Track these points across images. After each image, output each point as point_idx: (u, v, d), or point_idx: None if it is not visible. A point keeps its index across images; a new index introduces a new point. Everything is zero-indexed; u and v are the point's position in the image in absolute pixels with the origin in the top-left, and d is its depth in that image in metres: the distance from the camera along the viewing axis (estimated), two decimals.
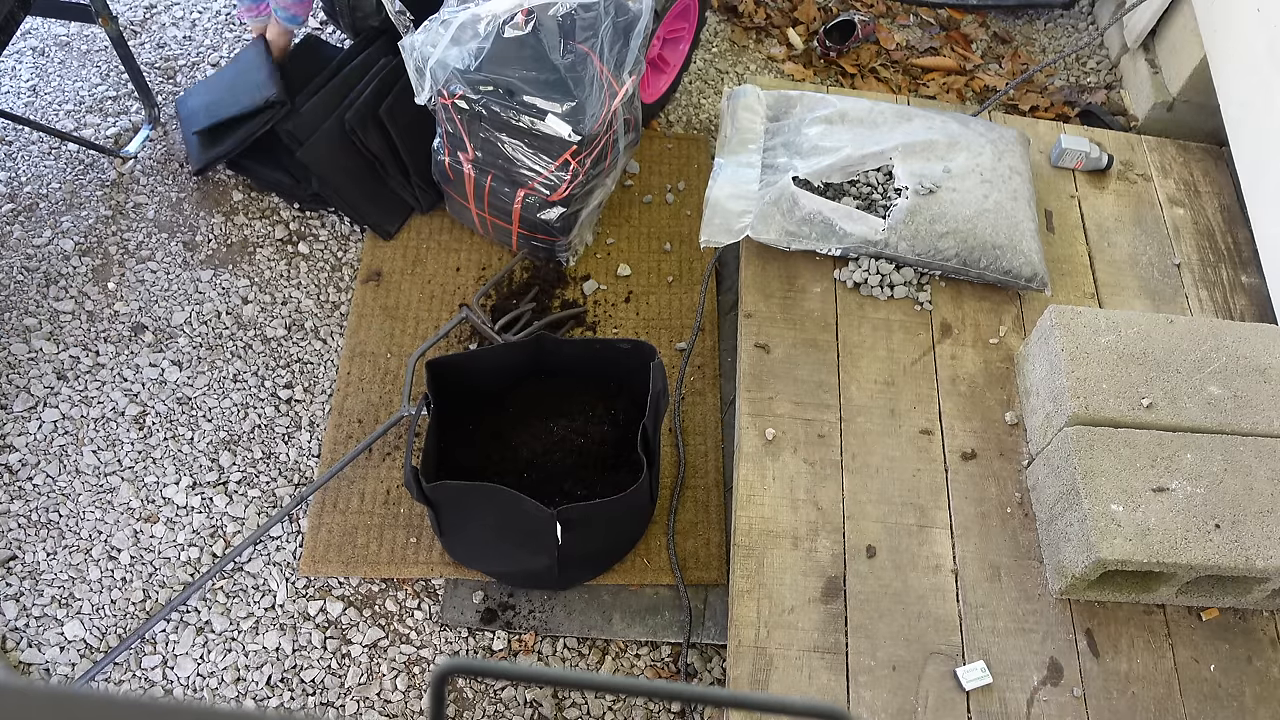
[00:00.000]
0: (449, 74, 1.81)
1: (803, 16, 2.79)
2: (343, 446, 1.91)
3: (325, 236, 2.20)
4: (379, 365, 2.02)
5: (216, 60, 2.47)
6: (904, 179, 2.00)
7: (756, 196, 2.01)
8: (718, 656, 1.74)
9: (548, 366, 1.86)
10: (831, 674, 1.56)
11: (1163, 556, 1.50)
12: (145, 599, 1.74)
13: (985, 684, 1.56)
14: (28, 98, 2.36)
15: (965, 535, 1.70)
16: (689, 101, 2.53)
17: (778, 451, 1.78)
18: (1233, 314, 2.10)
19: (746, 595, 1.62)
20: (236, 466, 1.89)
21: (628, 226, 2.26)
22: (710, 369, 2.07)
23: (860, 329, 1.93)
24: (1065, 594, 1.63)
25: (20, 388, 1.94)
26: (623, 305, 2.14)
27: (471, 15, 1.79)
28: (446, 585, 1.78)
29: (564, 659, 1.74)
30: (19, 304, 2.04)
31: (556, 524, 1.57)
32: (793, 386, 1.85)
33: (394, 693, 1.68)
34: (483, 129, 1.89)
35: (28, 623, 1.70)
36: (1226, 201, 2.28)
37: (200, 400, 1.96)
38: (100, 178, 2.24)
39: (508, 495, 1.58)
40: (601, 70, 1.83)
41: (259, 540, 1.81)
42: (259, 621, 1.73)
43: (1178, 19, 2.47)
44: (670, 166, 2.38)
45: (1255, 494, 1.57)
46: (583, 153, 1.88)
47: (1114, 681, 1.58)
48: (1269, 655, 1.63)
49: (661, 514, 1.86)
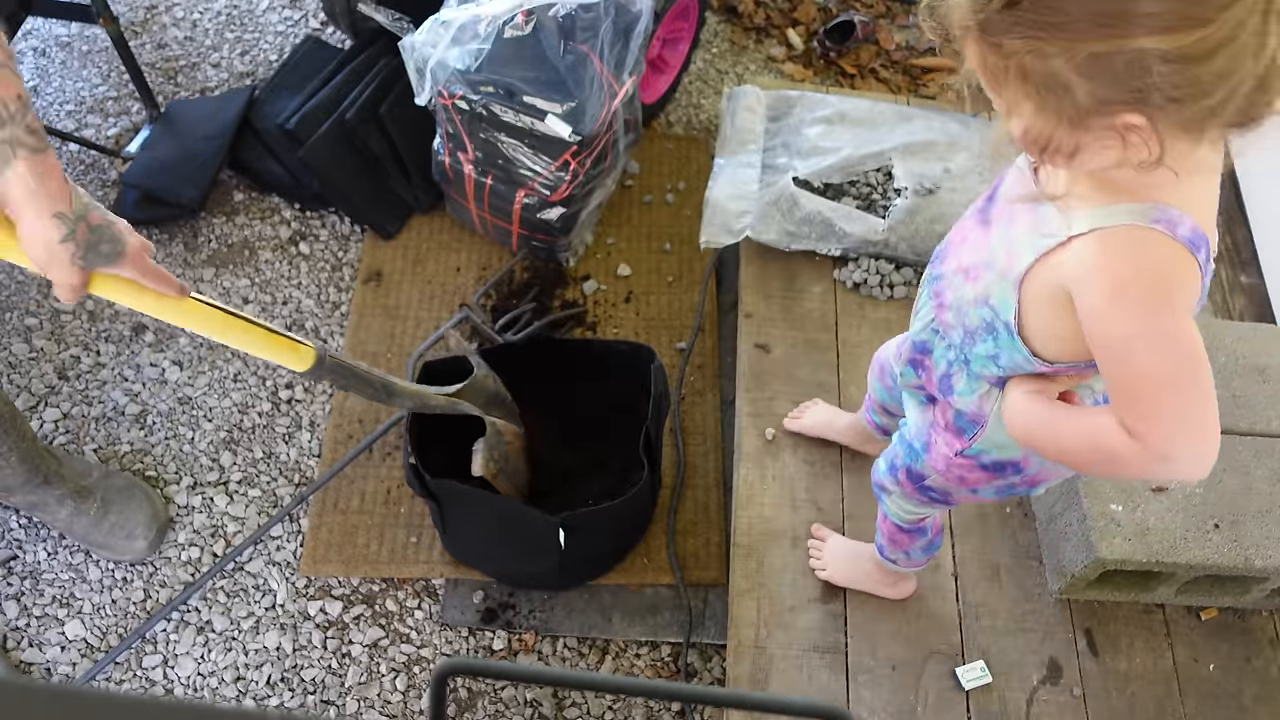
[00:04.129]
0: (449, 74, 1.81)
1: (802, 17, 2.79)
2: (343, 446, 1.91)
3: (325, 236, 2.21)
4: (379, 365, 2.02)
5: (217, 60, 2.47)
6: (904, 179, 2.00)
7: (756, 197, 2.01)
8: (718, 656, 1.75)
9: (547, 366, 1.86)
10: (831, 674, 1.56)
11: (1162, 556, 1.50)
12: (146, 598, 1.74)
13: (985, 683, 1.56)
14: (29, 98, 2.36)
15: (965, 535, 1.70)
16: (689, 102, 2.53)
17: (778, 451, 1.78)
18: (1232, 314, 2.10)
19: (746, 595, 1.62)
20: (237, 466, 1.89)
21: (628, 226, 2.26)
22: (710, 369, 2.07)
23: (860, 329, 1.93)
24: (1064, 593, 1.63)
25: (21, 387, 1.94)
26: (623, 305, 2.14)
27: (472, 16, 1.79)
28: (446, 585, 1.78)
29: (564, 659, 1.74)
30: (20, 304, 2.04)
31: (560, 530, 1.57)
32: (793, 386, 1.85)
33: (394, 692, 1.68)
34: (483, 129, 1.89)
35: (28, 622, 1.71)
36: (1225, 202, 2.28)
37: (201, 400, 1.96)
38: (101, 178, 2.24)
39: (510, 502, 1.59)
40: (601, 70, 1.83)
41: (259, 540, 1.81)
42: (259, 621, 1.73)
43: None
44: (670, 166, 2.38)
45: (1254, 493, 1.57)
46: (583, 153, 1.88)
47: (1113, 681, 1.58)
48: (1268, 655, 1.64)
49: (661, 514, 1.86)
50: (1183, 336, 0.83)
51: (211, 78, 2.43)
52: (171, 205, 2.13)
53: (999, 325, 0.98)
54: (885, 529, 1.46)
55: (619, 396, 1.82)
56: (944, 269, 1.09)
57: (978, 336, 1.02)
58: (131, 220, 2.23)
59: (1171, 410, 0.85)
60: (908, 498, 1.33)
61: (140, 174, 2.16)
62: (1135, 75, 0.71)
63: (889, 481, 1.35)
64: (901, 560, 1.50)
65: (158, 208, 2.14)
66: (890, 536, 1.46)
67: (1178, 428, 0.85)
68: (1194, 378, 0.83)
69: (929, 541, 1.46)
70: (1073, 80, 0.74)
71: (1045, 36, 0.72)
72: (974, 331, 1.03)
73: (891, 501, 1.39)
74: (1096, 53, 0.71)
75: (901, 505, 1.37)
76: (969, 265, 1.03)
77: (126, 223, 1.08)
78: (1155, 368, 0.84)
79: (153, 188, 2.13)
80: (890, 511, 1.41)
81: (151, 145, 2.22)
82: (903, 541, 1.45)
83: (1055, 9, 0.71)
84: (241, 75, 2.44)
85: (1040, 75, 0.75)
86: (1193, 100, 0.72)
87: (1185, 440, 0.85)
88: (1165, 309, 0.82)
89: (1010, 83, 0.78)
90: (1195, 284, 0.83)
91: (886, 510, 1.42)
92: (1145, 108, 0.73)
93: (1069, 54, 0.72)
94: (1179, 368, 0.83)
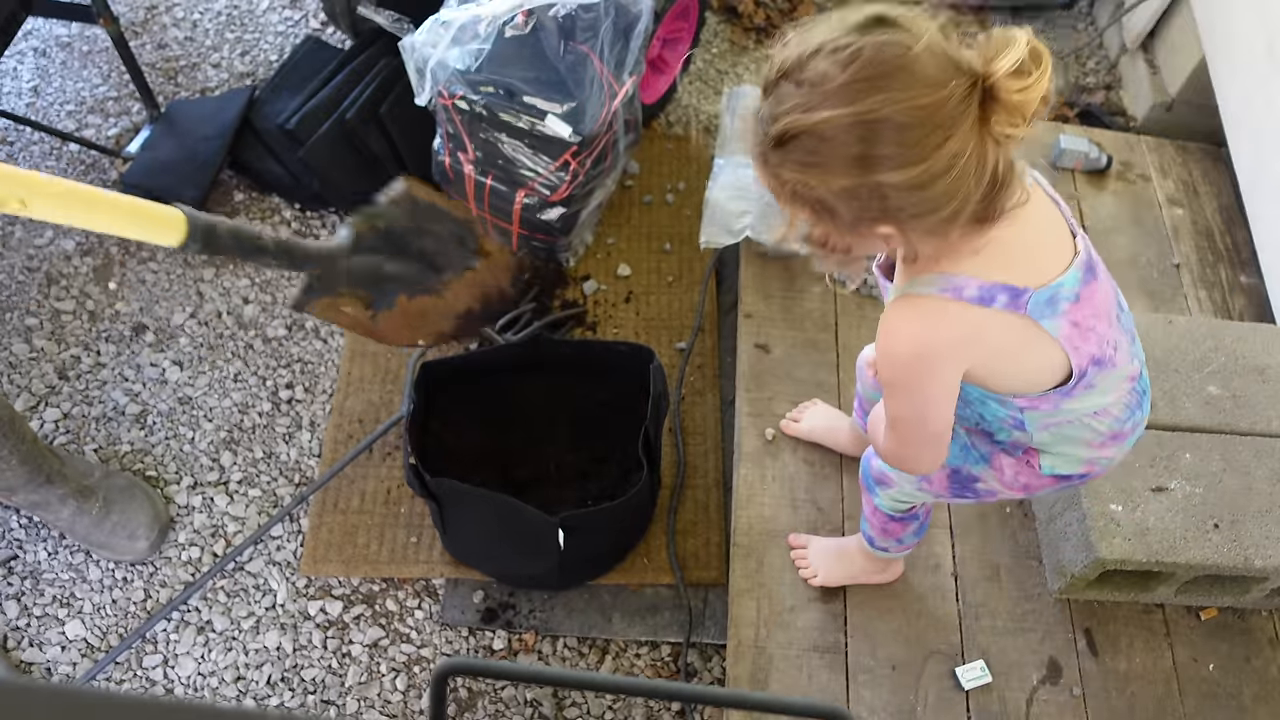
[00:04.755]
0: (449, 75, 1.81)
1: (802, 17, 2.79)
2: (343, 446, 1.91)
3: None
4: (379, 365, 2.02)
5: (217, 60, 2.47)
6: None
7: (756, 197, 2.01)
8: (718, 656, 1.75)
9: (547, 366, 1.86)
10: (831, 673, 1.56)
11: (1162, 556, 1.50)
12: (146, 598, 1.74)
13: (984, 683, 1.56)
14: (29, 98, 2.37)
15: (965, 535, 1.70)
16: (689, 102, 2.54)
17: (778, 451, 1.78)
18: (1231, 314, 2.10)
19: (746, 595, 1.62)
20: (237, 466, 1.89)
21: (628, 227, 2.26)
22: (710, 369, 2.07)
23: (860, 329, 1.93)
24: (1064, 593, 1.63)
25: (22, 387, 1.94)
26: (623, 305, 2.14)
27: (472, 16, 1.79)
28: (446, 585, 1.78)
29: (564, 658, 1.74)
30: (20, 304, 2.04)
31: (559, 530, 1.57)
32: (792, 386, 1.85)
33: (394, 692, 1.68)
34: (483, 129, 1.89)
35: (29, 622, 1.71)
36: (1225, 202, 2.28)
37: (201, 400, 1.96)
38: (102, 178, 2.24)
39: (509, 502, 1.59)
40: (601, 71, 1.83)
41: (259, 540, 1.81)
42: (259, 621, 1.73)
43: (1177, 19, 2.47)
44: (670, 166, 2.38)
45: (1254, 493, 1.57)
46: (583, 153, 1.88)
47: (1113, 681, 1.58)
48: (1267, 654, 1.64)
49: (661, 514, 1.86)
50: (923, 393, 1.06)
51: (212, 78, 2.43)
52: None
53: None
54: (876, 521, 1.47)
55: (619, 396, 1.82)
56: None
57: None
58: None
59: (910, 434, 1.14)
60: (935, 491, 1.35)
61: (140, 174, 2.16)
62: (879, 200, 0.90)
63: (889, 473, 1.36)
64: (893, 548, 1.52)
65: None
66: (881, 527, 1.48)
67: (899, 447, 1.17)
68: (924, 421, 1.10)
69: (919, 525, 1.49)
70: (834, 203, 0.92)
71: (808, 173, 0.90)
72: None
73: (886, 494, 1.40)
74: (847, 186, 0.89)
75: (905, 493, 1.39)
76: None
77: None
78: (904, 408, 1.11)
79: (153, 188, 2.12)
80: (882, 504, 1.42)
81: (152, 145, 2.23)
82: (894, 530, 1.48)
83: (814, 152, 0.88)
84: (242, 75, 2.44)
85: (809, 199, 0.93)
86: (929, 214, 0.91)
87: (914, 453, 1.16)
88: (918, 370, 1.05)
89: (789, 201, 0.95)
90: (982, 334, 1.02)
91: (879, 503, 1.43)
92: (894, 222, 0.92)
93: (827, 185, 0.90)
94: (920, 411, 1.09)
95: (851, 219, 0.93)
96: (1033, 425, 1.13)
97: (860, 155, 0.87)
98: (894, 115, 0.85)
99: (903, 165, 0.87)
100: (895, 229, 0.93)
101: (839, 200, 0.91)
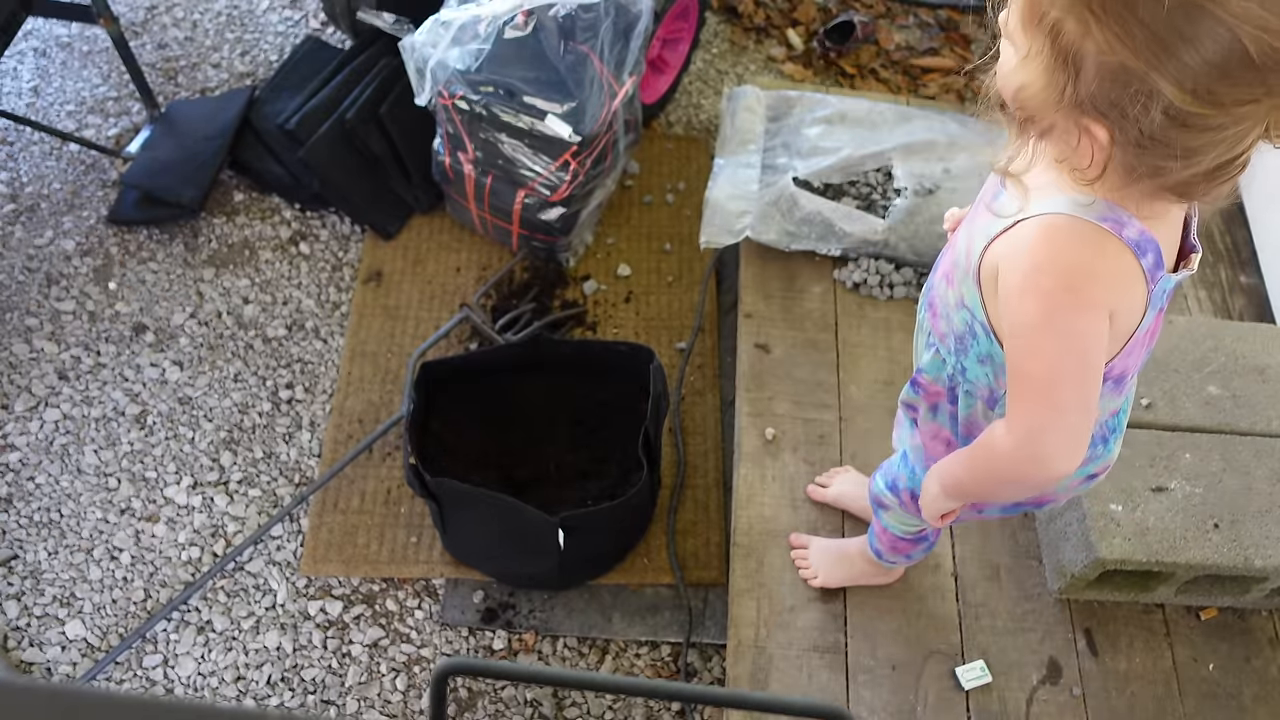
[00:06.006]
0: (449, 75, 1.81)
1: (802, 17, 2.79)
2: (343, 446, 1.91)
3: (326, 237, 2.21)
4: (379, 365, 2.02)
5: (217, 60, 2.47)
6: (903, 179, 2.00)
7: (756, 197, 2.01)
8: (718, 656, 1.75)
9: (547, 366, 1.86)
10: (831, 673, 1.56)
11: (1162, 556, 1.50)
12: (146, 598, 1.74)
13: (984, 683, 1.56)
14: (29, 98, 2.37)
15: (964, 535, 1.70)
16: (689, 102, 2.54)
17: (778, 451, 1.78)
18: (1231, 314, 2.10)
19: (746, 595, 1.62)
20: (237, 466, 1.89)
21: (628, 227, 2.27)
22: (710, 369, 2.07)
23: (860, 329, 1.93)
24: (1064, 593, 1.63)
25: (22, 387, 1.94)
26: (623, 305, 2.14)
27: (472, 16, 1.79)
28: (446, 585, 1.78)
29: (564, 658, 1.74)
30: (20, 304, 2.04)
31: (559, 530, 1.57)
32: (792, 386, 1.85)
33: (394, 692, 1.68)
34: (483, 129, 1.89)
35: (29, 622, 1.71)
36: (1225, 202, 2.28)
37: (201, 400, 1.96)
38: (101, 178, 2.24)
39: (509, 502, 1.59)
40: (601, 71, 1.84)
41: (259, 540, 1.81)
42: (259, 621, 1.74)
43: None
44: (670, 167, 2.38)
45: (1254, 493, 1.57)
46: (583, 153, 1.88)
47: (1113, 681, 1.58)
48: (1267, 654, 1.64)
49: (661, 514, 1.86)
50: (1076, 335, 0.85)
51: (212, 78, 2.43)
52: (172, 205, 2.13)
53: (976, 326, 0.98)
54: (885, 539, 1.46)
55: (619, 396, 1.82)
56: (934, 278, 1.11)
57: (966, 342, 1.03)
58: (131, 221, 2.22)
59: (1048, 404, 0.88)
60: (910, 514, 1.33)
61: (140, 174, 2.16)
62: (1136, 103, 0.73)
63: (888, 498, 1.35)
64: (901, 561, 1.51)
65: (158, 208, 2.14)
66: (891, 545, 1.47)
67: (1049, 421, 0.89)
68: (1077, 380, 0.86)
69: (929, 544, 1.47)
70: (1090, 70, 0.74)
71: (1099, 19, 0.71)
72: (961, 337, 1.03)
73: (890, 516, 1.39)
74: (1123, 64, 0.72)
75: (902, 519, 1.38)
76: (947, 269, 1.04)
77: None
78: (1044, 360, 0.86)
79: (153, 188, 2.13)
80: (888, 525, 1.41)
81: (152, 145, 2.23)
82: (904, 548, 1.46)
83: (1126, 3, 0.70)
84: (242, 75, 2.44)
85: (1068, 47, 0.74)
86: (1153, 154, 0.76)
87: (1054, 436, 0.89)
88: (1070, 304, 0.84)
89: (1038, 35, 0.76)
90: (1128, 286, 0.85)
91: (885, 524, 1.42)
92: (1123, 134, 0.75)
93: (1106, 48, 0.72)
94: (1063, 365, 0.86)
95: (1087, 96, 0.75)
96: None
97: (1168, 46, 0.69)
98: (1249, 41, 0.68)
99: (1193, 91, 0.70)
100: (1115, 141, 0.76)
101: (1099, 70, 0.73)
